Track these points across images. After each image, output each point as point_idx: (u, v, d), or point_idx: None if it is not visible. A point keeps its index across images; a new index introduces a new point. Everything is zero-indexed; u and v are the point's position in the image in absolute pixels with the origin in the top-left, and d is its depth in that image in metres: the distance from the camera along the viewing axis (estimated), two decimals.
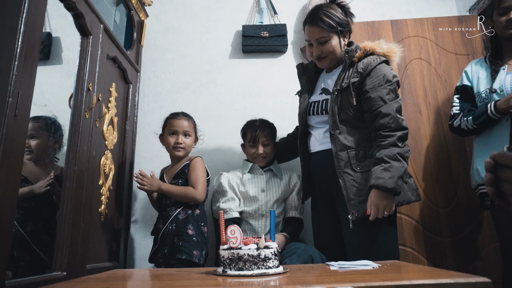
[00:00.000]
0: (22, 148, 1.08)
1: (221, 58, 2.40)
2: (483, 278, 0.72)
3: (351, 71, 1.46)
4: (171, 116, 1.86)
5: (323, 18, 1.44)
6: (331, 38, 1.47)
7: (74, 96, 1.46)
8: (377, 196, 1.30)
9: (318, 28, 1.46)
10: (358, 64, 1.46)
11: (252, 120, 1.90)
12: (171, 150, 1.80)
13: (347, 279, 0.79)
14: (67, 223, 1.34)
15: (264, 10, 2.42)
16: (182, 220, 1.67)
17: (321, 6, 1.50)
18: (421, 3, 2.50)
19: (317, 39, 1.47)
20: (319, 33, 1.46)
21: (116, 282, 0.92)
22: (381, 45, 1.50)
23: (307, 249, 1.46)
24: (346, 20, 1.49)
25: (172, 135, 1.80)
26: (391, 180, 1.27)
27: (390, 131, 1.35)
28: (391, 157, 1.31)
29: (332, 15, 1.45)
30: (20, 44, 1.07)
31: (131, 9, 2.17)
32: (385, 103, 1.38)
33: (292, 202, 1.77)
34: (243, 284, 0.80)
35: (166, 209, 1.73)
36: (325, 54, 1.50)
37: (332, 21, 1.45)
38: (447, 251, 1.93)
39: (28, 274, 1.13)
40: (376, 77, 1.41)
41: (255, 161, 1.82)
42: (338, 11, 1.47)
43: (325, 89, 1.58)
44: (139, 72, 2.22)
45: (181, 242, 1.60)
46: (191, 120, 1.87)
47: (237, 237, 0.97)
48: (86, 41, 1.54)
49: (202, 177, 1.73)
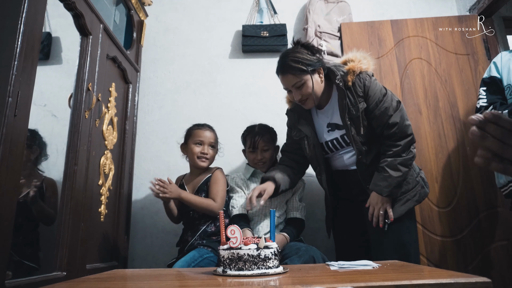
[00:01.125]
0: (22, 148, 1.08)
1: (221, 58, 2.40)
2: (483, 278, 0.72)
3: (351, 97, 1.46)
4: (196, 127, 1.84)
5: (292, 65, 1.44)
6: (306, 80, 1.45)
7: (74, 96, 1.46)
8: (374, 198, 1.47)
9: (290, 75, 1.45)
10: (356, 88, 1.46)
11: (251, 126, 1.89)
12: (195, 159, 1.77)
13: (347, 279, 0.79)
14: (67, 223, 1.34)
15: (264, 10, 2.42)
16: (210, 233, 1.67)
17: (287, 53, 1.49)
18: (421, 3, 2.50)
19: (293, 85, 1.47)
20: (293, 80, 1.46)
21: (116, 282, 0.92)
22: (361, 62, 1.50)
23: (308, 250, 1.46)
24: (315, 59, 1.47)
25: (198, 145, 1.78)
26: (386, 189, 1.42)
27: (396, 140, 1.45)
28: (392, 167, 1.43)
29: (299, 58, 1.44)
30: (20, 44, 1.07)
31: (131, 9, 2.17)
32: (391, 115, 1.44)
33: (294, 203, 1.77)
34: (243, 284, 0.80)
35: (194, 222, 1.72)
36: (306, 96, 1.48)
37: (301, 64, 1.43)
38: (447, 251, 1.93)
39: (27, 275, 1.13)
40: (375, 95, 1.46)
41: (256, 166, 1.82)
42: (304, 53, 1.46)
43: (333, 124, 1.56)
44: (139, 72, 2.22)
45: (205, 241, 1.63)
46: (214, 132, 1.86)
47: (237, 237, 0.97)
48: (86, 41, 1.54)
49: (222, 190, 1.74)
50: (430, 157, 2.06)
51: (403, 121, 1.45)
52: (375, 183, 1.45)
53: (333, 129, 1.56)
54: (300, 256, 1.42)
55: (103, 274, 1.09)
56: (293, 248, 1.51)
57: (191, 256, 1.48)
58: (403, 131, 1.44)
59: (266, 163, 1.80)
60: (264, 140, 1.79)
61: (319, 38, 2.27)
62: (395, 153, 1.44)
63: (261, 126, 1.86)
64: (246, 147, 1.84)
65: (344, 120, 1.47)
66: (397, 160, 1.43)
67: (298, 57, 1.44)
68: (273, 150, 1.83)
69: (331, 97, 1.56)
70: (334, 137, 1.56)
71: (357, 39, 2.29)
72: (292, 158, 1.71)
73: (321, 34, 2.28)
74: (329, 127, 1.57)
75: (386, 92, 1.48)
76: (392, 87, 2.19)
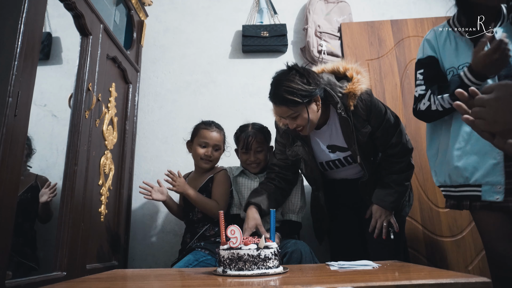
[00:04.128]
0: (22, 148, 1.08)
1: (221, 58, 2.40)
2: (483, 278, 0.72)
3: (356, 123, 1.40)
4: (203, 125, 1.78)
5: (286, 97, 1.30)
6: (301, 112, 1.33)
7: (74, 96, 1.46)
8: (377, 211, 1.47)
9: (285, 108, 1.34)
10: (358, 111, 1.38)
11: (244, 125, 1.81)
12: (199, 160, 1.75)
13: (347, 279, 0.79)
14: (67, 223, 1.34)
15: (264, 10, 2.42)
16: (209, 237, 1.66)
17: (280, 81, 1.34)
18: (421, 3, 2.50)
19: (288, 116, 1.36)
20: (287, 112, 1.34)
21: (116, 282, 0.92)
22: (360, 82, 1.39)
23: (296, 244, 1.43)
24: (311, 88, 1.32)
25: (202, 147, 1.75)
26: (391, 205, 1.45)
27: (399, 157, 1.45)
28: (398, 183, 1.45)
29: (294, 89, 1.30)
30: (20, 44, 1.07)
31: (131, 9, 2.17)
32: (394, 134, 1.43)
33: (289, 205, 1.70)
34: (243, 284, 0.80)
35: (193, 224, 1.71)
36: (302, 125, 1.37)
37: (296, 96, 1.29)
38: (447, 251, 1.93)
39: (26, 275, 1.13)
40: (377, 116, 1.41)
41: (249, 167, 1.77)
42: (299, 82, 1.31)
43: (333, 146, 1.49)
44: (139, 72, 2.22)
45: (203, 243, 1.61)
46: (222, 132, 1.81)
47: (237, 237, 0.97)
48: (86, 41, 1.54)
49: (225, 193, 1.72)
50: None
51: (404, 138, 1.45)
52: (380, 198, 1.46)
53: (333, 150, 1.50)
54: (288, 247, 1.40)
55: (103, 274, 1.09)
56: (282, 243, 1.50)
57: (186, 260, 1.48)
58: (406, 148, 1.45)
59: (260, 164, 1.75)
60: (258, 141, 1.72)
61: (319, 38, 2.27)
62: (400, 169, 1.45)
63: (255, 126, 1.78)
64: (239, 147, 1.78)
65: (352, 148, 1.42)
66: (401, 176, 1.45)
67: (293, 88, 1.30)
68: (266, 151, 1.78)
69: (329, 118, 1.47)
70: (336, 158, 1.51)
71: (357, 39, 2.29)
72: (283, 177, 1.60)
73: (321, 34, 2.28)
74: (330, 148, 1.50)
75: (386, 110, 1.44)
76: (392, 87, 2.19)
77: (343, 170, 1.56)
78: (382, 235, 1.46)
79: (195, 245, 1.61)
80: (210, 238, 1.65)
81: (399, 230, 1.48)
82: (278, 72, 1.40)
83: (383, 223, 1.46)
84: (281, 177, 1.60)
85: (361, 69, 1.44)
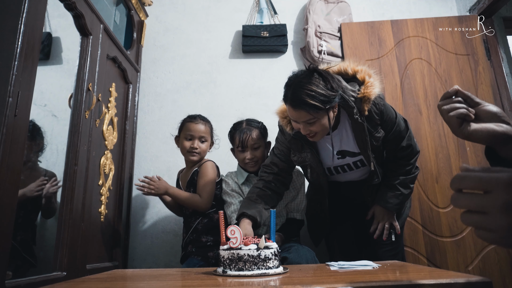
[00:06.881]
0: (22, 148, 1.08)
1: (221, 58, 2.40)
2: (483, 278, 0.72)
3: (371, 128, 1.36)
4: (188, 119, 1.79)
5: (307, 101, 1.20)
6: (321, 118, 1.25)
7: (74, 96, 1.46)
8: (380, 212, 1.48)
9: (304, 112, 1.23)
10: (372, 116, 1.34)
11: (238, 122, 1.73)
12: (186, 154, 1.76)
13: (347, 279, 0.79)
14: (67, 223, 1.34)
15: (264, 10, 2.42)
16: (200, 230, 1.68)
17: (301, 83, 1.23)
18: (421, 3, 2.50)
19: (305, 121, 1.26)
20: (305, 117, 1.24)
21: (116, 282, 0.92)
22: (373, 86, 1.33)
23: (299, 249, 1.43)
24: (333, 94, 1.23)
25: (188, 140, 1.75)
26: (396, 206, 1.46)
27: (408, 160, 1.46)
28: (404, 185, 1.46)
29: (316, 93, 1.20)
30: (20, 44, 1.07)
31: (131, 9, 2.17)
32: (404, 137, 1.43)
33: (293, 205, 1.69)
34: (243, 284, 0.80)
35: (187, 219, 1.73)
36: (316, 131, 1.29)
37: (318, 101, 1.20)
38: (447, 251, 1.93)
39: (27, 275, 1.13)
40: (389, 120, 1.38)
41: (247, 166, 1.68)
42: (321, 85, 1.22)
43: (344, 151, 1.44)
44: (139, 72, 2.22)
45: (195, 249, 1.65)
46: (208, 124, 1.80)
47: (237, 237, 0.97)
48: (86, 41, 1.54)
49: (209, 184, 1.69)
50: (430, 157, 2.06)
51: (413, 141, 1.46)
52: (386, 200, 1.46)
53: (343, 156, 1.45)
54: (290, 252, 1.40)
55: (103, 274, 1.09)
56: (285, 246, 1.49)
57: None
58: (415, 150, 1.46)
59: (258, 162, 1.66)
60: (254, 137, 1.64)
61: (319, 38, 2.27)
62: (407, 171, 1.46)
63: (249, 122, 1.71)
64: (235, 146, 1.70)
65: (366, 153, 1.37)
66: (408, 178, 1.46)
67: (315, 92, 1.20)
68: (264, 147, 1.69)
69: (339, 123, 1.40)
70: (345, 163, 1.47)
71: (357, 39, 2.29)
72: (281, 180, 1.52)
73: (321, 34, 2.28)
74: (339, 154, 1.45)
75: (396, 114, 1.41)
76: (392, 87, 2.19)
77: (349, 174, 1.53)
78: (383, 237, 1.47)
79: (189, 251, 1.66)
80: (201, 237, 1.66)
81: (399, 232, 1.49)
82: (297, 74, 1.29)
83: (385, 225, 1.47)
84: (279, 179, 1.51)
85: (371, 71, 1.37)
